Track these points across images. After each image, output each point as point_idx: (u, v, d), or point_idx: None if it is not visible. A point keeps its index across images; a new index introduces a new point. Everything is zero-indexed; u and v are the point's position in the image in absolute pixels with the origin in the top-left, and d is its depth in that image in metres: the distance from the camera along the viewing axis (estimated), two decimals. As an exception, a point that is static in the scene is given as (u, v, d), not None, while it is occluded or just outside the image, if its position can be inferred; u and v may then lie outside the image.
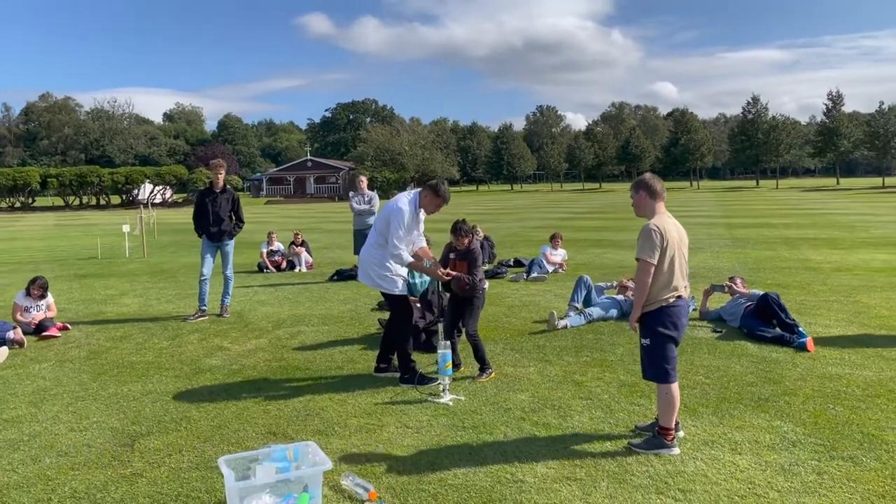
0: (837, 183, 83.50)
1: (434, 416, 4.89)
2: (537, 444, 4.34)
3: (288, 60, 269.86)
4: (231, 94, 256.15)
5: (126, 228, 17.11)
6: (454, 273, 5.78)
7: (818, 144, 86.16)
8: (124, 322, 8.63)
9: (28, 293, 8.28)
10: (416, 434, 4.57)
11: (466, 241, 5.87)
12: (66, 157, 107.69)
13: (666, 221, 4.29)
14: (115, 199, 65.41)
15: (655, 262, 4.16)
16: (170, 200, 65.09)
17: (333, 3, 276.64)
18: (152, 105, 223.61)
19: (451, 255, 5.96)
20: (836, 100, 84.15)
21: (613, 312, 8.03)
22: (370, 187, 12.08)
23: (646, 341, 4.30)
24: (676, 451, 4.15)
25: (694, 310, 8.24)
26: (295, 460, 3.77)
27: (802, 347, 6.46)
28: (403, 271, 5.83)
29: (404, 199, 5.72)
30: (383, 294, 5.84)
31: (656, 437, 4.21)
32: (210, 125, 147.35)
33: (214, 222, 8.73)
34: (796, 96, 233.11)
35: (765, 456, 4.08)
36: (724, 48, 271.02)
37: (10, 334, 7.33)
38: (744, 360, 6.19)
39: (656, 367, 4.25)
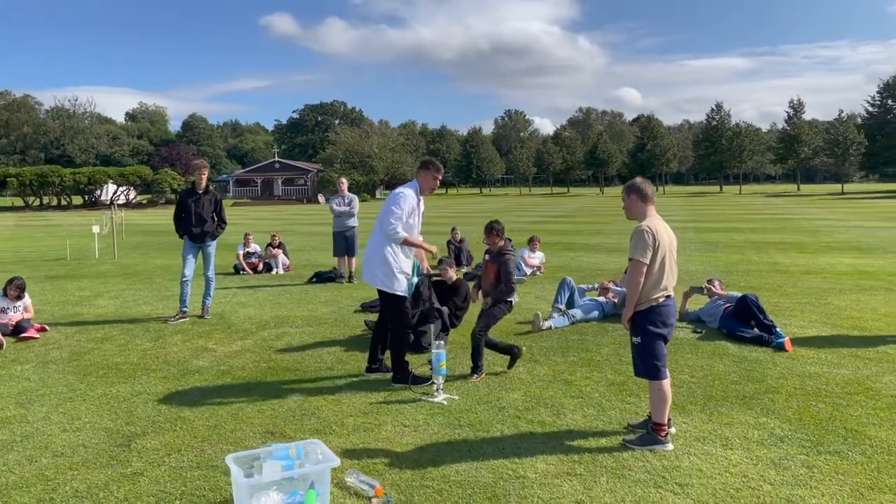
0: (798, 189, 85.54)
1: (430, 415, 4.95)
2: (534, 441, 4.43)
3: (253, 61, 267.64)
4: (195, 95, 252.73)
5: (96, 229, 16.80)
6: (430, 268, 5.85)
7: (780, 151, 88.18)
8: (103, 323, 8.51)
9: (5, 294, 8.12)
10: (414, 432, 4.62)
11: (500, 242, 5.88)
12: (25, 157, 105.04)
13: (657, 224, 4.42)
14: (77, 200, 64.06)
15: (648, 262, 4.28)
16: (134, 201, 63.98)
17: (299, 3, 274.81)
18: (114, 104, 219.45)
19: (486, 257, 6.00)
20: (797, 108, 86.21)
21: (595, 314, 8.17)
22: (355, 190, 12.06)
23: (637, 339, 4.42)
24: (670, 446, 4.27)
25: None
26: (298, 458, 3.79)
27: (781, 347, 6.66)
28: (408, 268, 5.84)
29: (409, 188, 5.78)
30: (382, 294, 5.84)
31: (650, 433, 4.32)
32: (174, 125, 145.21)
33: (197, 223, 8.66)
34: (756, 104, 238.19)
35: (755, 451, 4.22)
36: (687, 55, 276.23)
37: (-10, 335, 7.20)
38: (725, 360, 6.37)
39: (647, 364, 4.37)
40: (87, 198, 63.60)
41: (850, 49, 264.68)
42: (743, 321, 7.18)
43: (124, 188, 63.88)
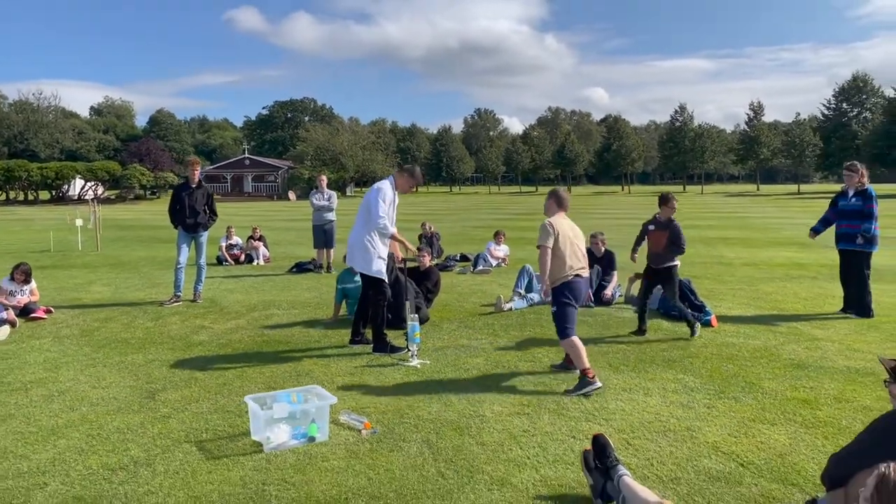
0: (758, 189, 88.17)
1: (406, 375, 5.88)
2: (492, 392, 5.38)
3: (218, 56, 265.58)
4: (160, 90, 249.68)
5: (79, 223, 17.40)
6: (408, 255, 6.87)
7: (740, 152, 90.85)
8: (103, 307, 9.27)
9: (12, 278, 8.85)
10: (392, 388, 5.55)
11: (672, 213, 7.03)
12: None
13: (560, 221, 5.76)
14: (44, 195, 63.56)
15: (550, 247, 5.56)
16: (102, 196, 63.67)
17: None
18: (77, 98, 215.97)
19: (651, 227, 7.02)
20: (757, 110, 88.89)
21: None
22: (329, 186, 12.93)
23: (554, 309, 5.67)
24: (599, 384, 5.33)
25: (620, 296, 9.47)
26: (299, 402, 4.69)
27: (707, 324, 7.73)
28: (384, 254, 6.75)
29: (385, 181, 6.69)
30: (363, 276, 6.75)
31: (582, 378, 5.34)
32: (140, 121, 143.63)
33: (191, 215, 9.47)
34: (721, 105, 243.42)
35: (669, 397, 5.24)
36: (654, 56, 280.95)
37: (3, 315, 7.93)
38: (659, 333, 7.42)
39: (559, 327, 5.60)
40: (54, 193, 63.15)
41: (812, 52, 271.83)
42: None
43: (92, 183, 63.58)
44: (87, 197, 61.56)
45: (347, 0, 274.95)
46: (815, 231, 8.80)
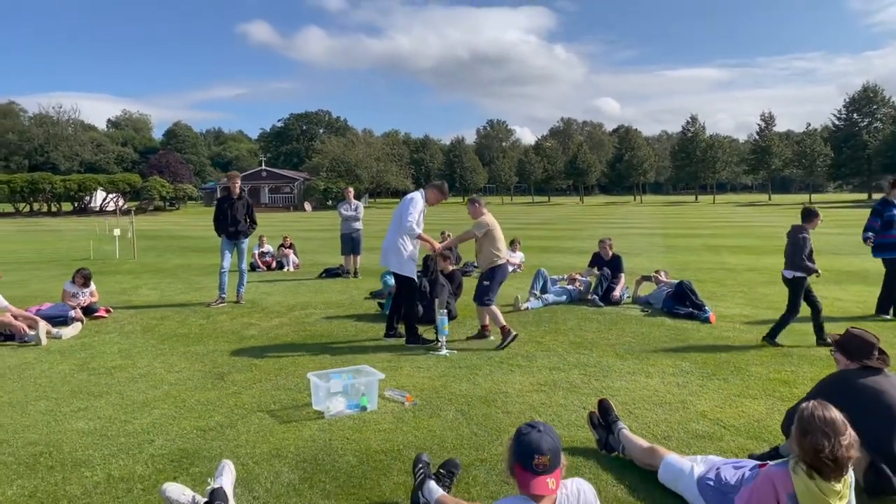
0: (769, 199, 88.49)
1: (437, 362, 6.73)
2: (513, 375, 6.22)
3: (230, 69, 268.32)
4: (173, 102, 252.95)
5: (117, 232, 18.42)
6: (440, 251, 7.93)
7: (752, 162, 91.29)
8: (155, 307, 10.19)
9: (73, 281, 9.78)
10: (426, 371, 6.39)
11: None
12: (8, 163, 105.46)
13: (490, 218, 7.64)
14: (67, 207, 65.14)
15: (481, 236, 7.56)
16: (123, 208, 65.13)
17: (275, 11, 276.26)
18: (92, 110, 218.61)
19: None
20: (768, 120, 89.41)
21: (564, 298, 10.02)
22: (360, 196, 13.86)
23: (486, 283, 7.47)
24: (490, 337, 7.45)
25: (628, 297, 10.28)
26: (349, 379, 5.54)
27: (706, 321, 8.53)
28: (415, 256, 7.61)
29: (417, 193, 7.59)
30: (396, 276, 7.61)
31: (505, 334, 7.25)
32: (155, 133, 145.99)
33: (232, 223, 10.39)
34: (733, 114, 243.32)
35: (667, 378, 6.06)
36: (663, 66, 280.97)
37: (72, 313, 8.86)
38: (662, 329, 8.23)
39: (482, 296, 7.48)
40: (76, 204, 64.71)
41: (823, 61, 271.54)
42: (679, 301, 9.05)
43: (114, 195, 65.10)
44: (108, 208, 63.07)
45: (358, 14, 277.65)
46: (868, 237, 9.09)
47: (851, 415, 3.05)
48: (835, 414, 2.95)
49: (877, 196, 79.02)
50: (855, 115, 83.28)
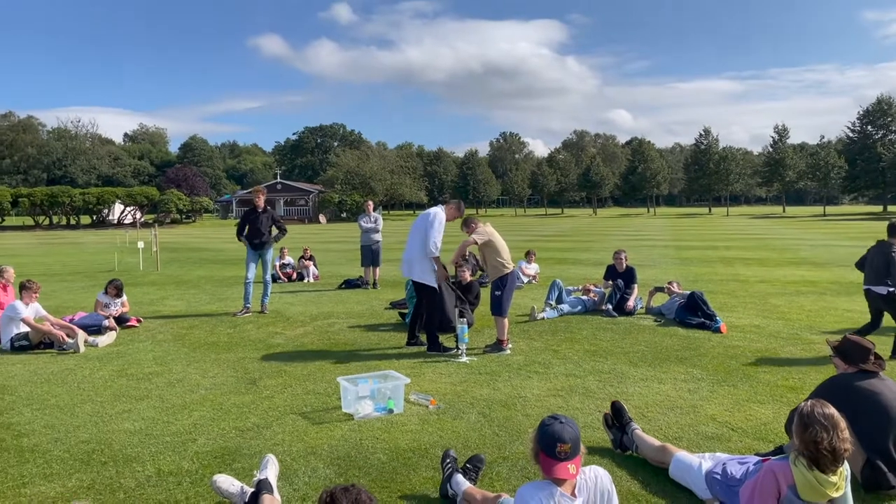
0: (783, 211, 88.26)
1: (458, 368, 7.04)
2: (531, 381, 6.51)
3: (244, 82, 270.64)
4: (186, 115, 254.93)
5: (141, 245, 18.89)
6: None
7: (765, 175, 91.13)
8: (183, 317, 10.57)
9: (106, 292, 10.18)
10: (448, 377, 6.70)
11: None
12: (27, 177, 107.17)
13: (489, 228, 7.90)
14: (86, 219, 66.13)
15: (483, 245, 7.82)
16: (141, 221, 66.01)
17: (287, 25, 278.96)
18: (107, 123, 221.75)
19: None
20: (781, 133, 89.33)
21: (579, 308, 10.30)
22: (375, 209, 14.27)
23: (497, 293, 7.74)
24: (508, 351, 7.59)
25: (642, 308, 10.54)
26: (377, 384, 5.86)
27: (717, 330, 8.78)
28: (436, 266, 7.94)
29: (440, 210, 7.92)
30: (419, 285, 7.94)
31: (497, 346, 7.69)
32: (171, 146, 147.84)
33: (256, 235, 10.78)
34: (747, 126, 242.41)
35: (679, 385, 6.33)
36: (675, 78, 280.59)
37: (105, 322, 9.24)
38: (674, 338, 8.49)
39: (496, 307, 7.77)
40: (94, 217, 65.67)
41: (837, 73, 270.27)
42: (691, 312, 9.31)
43: (131, 208, 66.02)
44: (126, 221, 63.95)
45: (369, 27, 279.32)
46: None
47: (849, 415, 3.33)
48: (833, 410, 3.23)
49: (892, 208, 78.18)
50: (869, 127, 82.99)
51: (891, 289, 7.38)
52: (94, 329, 8.97)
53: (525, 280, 14.11)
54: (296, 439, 4.97)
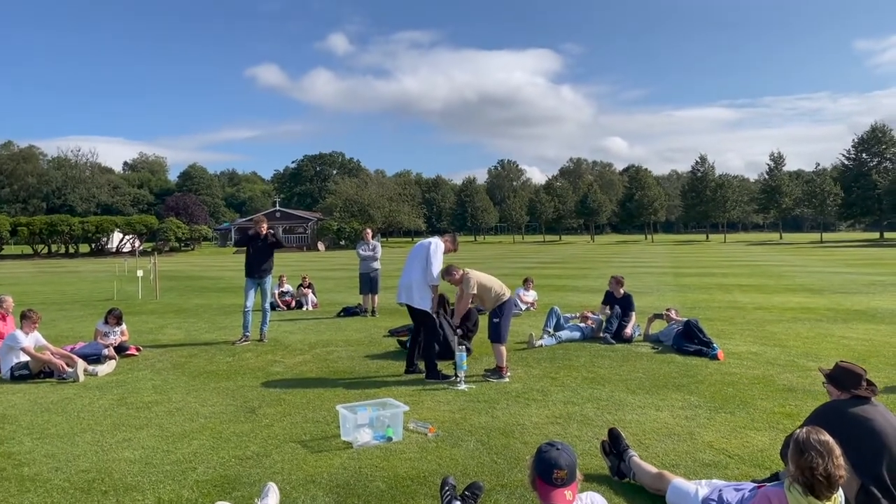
0: (780, 238, 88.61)
1: (456, 396, 7.07)
2: (530, 408, 6.54)
3: (242, 111, 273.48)
4: (185, 144, 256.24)
5: (140, 273, 18.95)
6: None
7: (762, 202, 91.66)
8: (182, 346, 10.59)
9: (105, 321, 10.22)
10: (447, 405, 6.73)
11: None
12: (27, 206, 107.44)
13: (471, 272, 8.06)
14: (84, 248, 66.24)
15: (475, 290, 7.97)
16: (140, 250, 66.12)
17: (284, 55, 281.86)
18: (105, 153, 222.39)
19: None
20: (777, 160, 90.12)
21: (577, 335, 10.34)
22: (373, 236, 14.38)
23: (496, 320, 7.84)
24: (507, 379, 7.61)
25: (639, 335, 10.59)
26: (375, 412, 5.89)
27: (714, 357, 8.82)
28: (435, 293, 8.02)
29: (438, 240, 8.03)
30: (416, 311, 8.00)
31: (497, 372, 7.72)
32: (170, 175, 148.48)
33: (255, 262, 10.84)
34: (742, 153, 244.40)
35: (676, 412, 6.36)
36: (671, 106, 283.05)
37: (105, 351, 9.28)
38: (672, 365, 8.53)
39: (494, 335, 7.84)
40: (93, 246, 65.79)
41: (830, 101, 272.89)
42: (688, 339, 9.36)
43: (130, 236, 66.17)
44: (125, 250, 64.03)
45: (365, 57, 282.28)
46: None
47: (842, 441, 3.38)
48: (828, 437, 3.28)
49: (889, 235, 78.26)
50: (864, 154, 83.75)
51: None
52: (94, 358, 9.00)
53: (523, 307, 14.16)
54: (295, 467, 5.00)
